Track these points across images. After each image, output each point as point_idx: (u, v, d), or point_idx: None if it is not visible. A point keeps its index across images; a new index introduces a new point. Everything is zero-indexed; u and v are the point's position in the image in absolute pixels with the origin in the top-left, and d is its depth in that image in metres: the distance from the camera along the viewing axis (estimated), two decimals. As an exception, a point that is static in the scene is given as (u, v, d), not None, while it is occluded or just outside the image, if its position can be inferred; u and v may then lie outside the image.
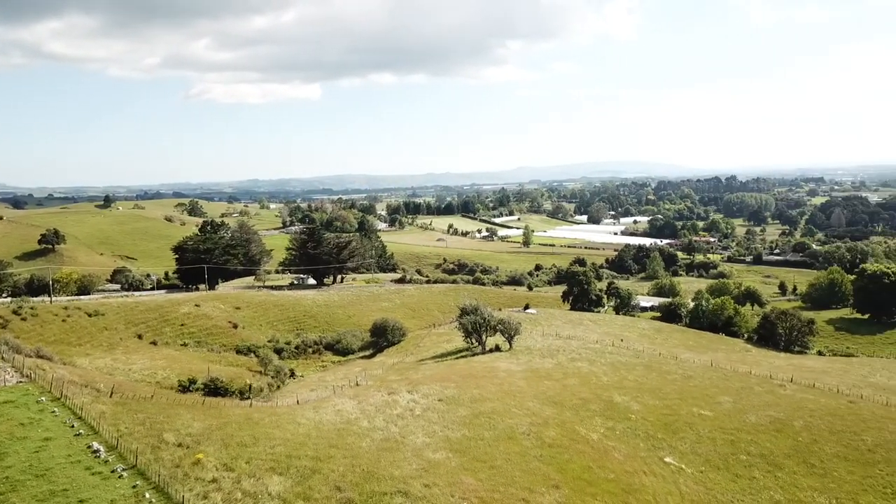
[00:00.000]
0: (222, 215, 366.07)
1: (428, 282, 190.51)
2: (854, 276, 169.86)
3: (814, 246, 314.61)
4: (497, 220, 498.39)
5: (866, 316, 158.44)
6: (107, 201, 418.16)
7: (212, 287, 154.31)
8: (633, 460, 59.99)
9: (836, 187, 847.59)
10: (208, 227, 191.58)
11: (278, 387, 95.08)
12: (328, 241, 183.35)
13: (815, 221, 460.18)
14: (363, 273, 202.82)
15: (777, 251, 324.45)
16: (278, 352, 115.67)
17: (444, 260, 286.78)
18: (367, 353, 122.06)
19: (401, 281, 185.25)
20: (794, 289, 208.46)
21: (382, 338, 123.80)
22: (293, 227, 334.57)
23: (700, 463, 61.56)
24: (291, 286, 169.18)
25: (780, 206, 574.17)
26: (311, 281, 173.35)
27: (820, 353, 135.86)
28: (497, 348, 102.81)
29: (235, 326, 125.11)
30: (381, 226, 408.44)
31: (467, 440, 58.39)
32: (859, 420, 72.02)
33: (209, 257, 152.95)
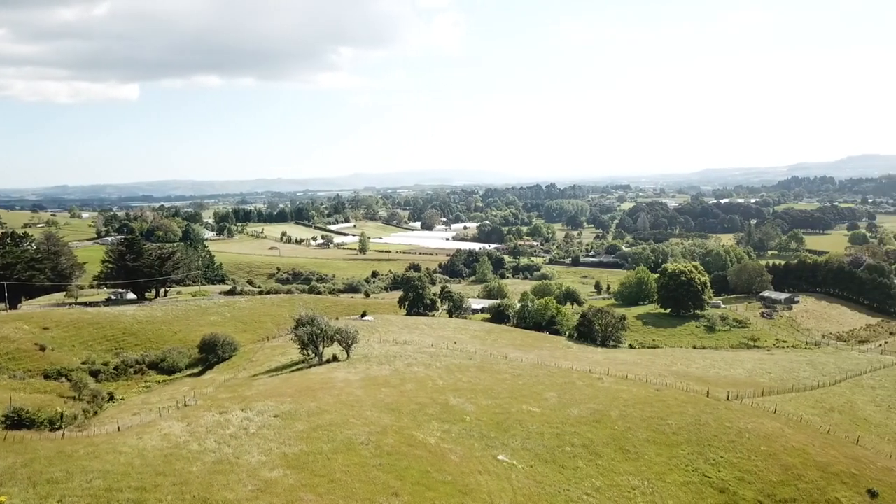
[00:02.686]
0: (25, 226, 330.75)
1: (261, 293, 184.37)
2: (657, 275, 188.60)
3: (623, 248, 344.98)
4: (333, 228, 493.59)
5: (668, 310, 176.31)
6: None
7: (13, 306, 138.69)
8: (468, 461, 62.23)
9: (640, 194, 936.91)
10: (8, 240, 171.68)
11: (95, 413, 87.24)
12: (149, 252, 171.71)
13: (624, 225, 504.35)
14: (189, 286, 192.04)
15: (592, 253, 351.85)
16: (95, 374, 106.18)
17: (278, 269, 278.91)
18: (196, 370, 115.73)
19: (231, 293, 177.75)
20: (608, 287, 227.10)
21: (212, 354, 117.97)
22: (109, 238, 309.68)
23: (530, 458, 65.22)
24: (108, 302, 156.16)
25: (594, 212, 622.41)
26: (132, 296, 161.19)
27: (631, 347, 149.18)
28: (334, 358, 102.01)
29: (43, 349, 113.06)
30: (209, 235, 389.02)
31: (305, 455, 57.46)
32: (665, 406, 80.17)
33: (9, 273, 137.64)
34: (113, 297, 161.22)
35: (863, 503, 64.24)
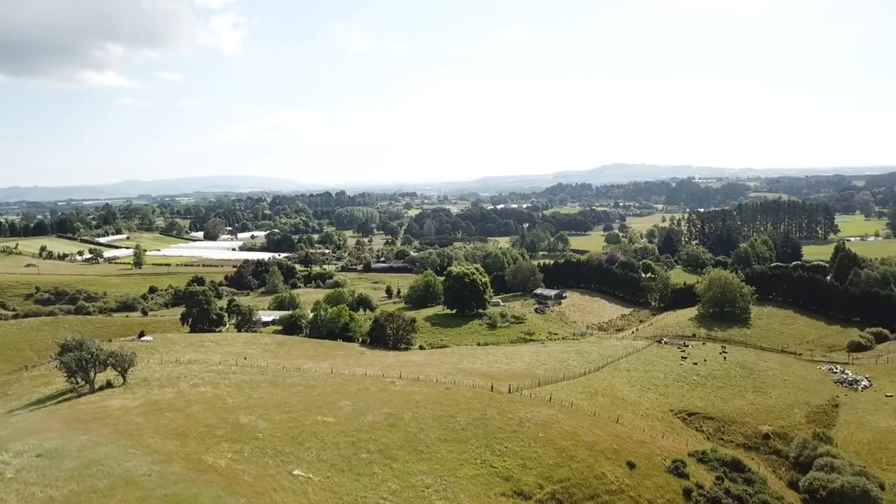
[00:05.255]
0: None
1: (17, 316, 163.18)
2: (443, 278, 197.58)
3: (412, 253, 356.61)
4: (102, 240, 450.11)
5: (454, 311, 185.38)
6: None
7: None
8: (262, 480, 60.57)
9: (426, 201, 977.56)
10: None
11: None
12: None
13: (412, 231, 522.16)
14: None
15: (383, 259, 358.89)
16: None
17: (37, 289, 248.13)
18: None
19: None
20: (399, 291, 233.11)
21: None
22: None
23: (326, 469, 65.05)
24: None
25: (384, 219, 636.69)
26: None
27: (422, 348, 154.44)
28: (109, 384, 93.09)
29: None
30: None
31: (76, 496, 52.08)
32: (454, 404, 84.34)
33: None
34: None
35: (623, 475, 73.08)
